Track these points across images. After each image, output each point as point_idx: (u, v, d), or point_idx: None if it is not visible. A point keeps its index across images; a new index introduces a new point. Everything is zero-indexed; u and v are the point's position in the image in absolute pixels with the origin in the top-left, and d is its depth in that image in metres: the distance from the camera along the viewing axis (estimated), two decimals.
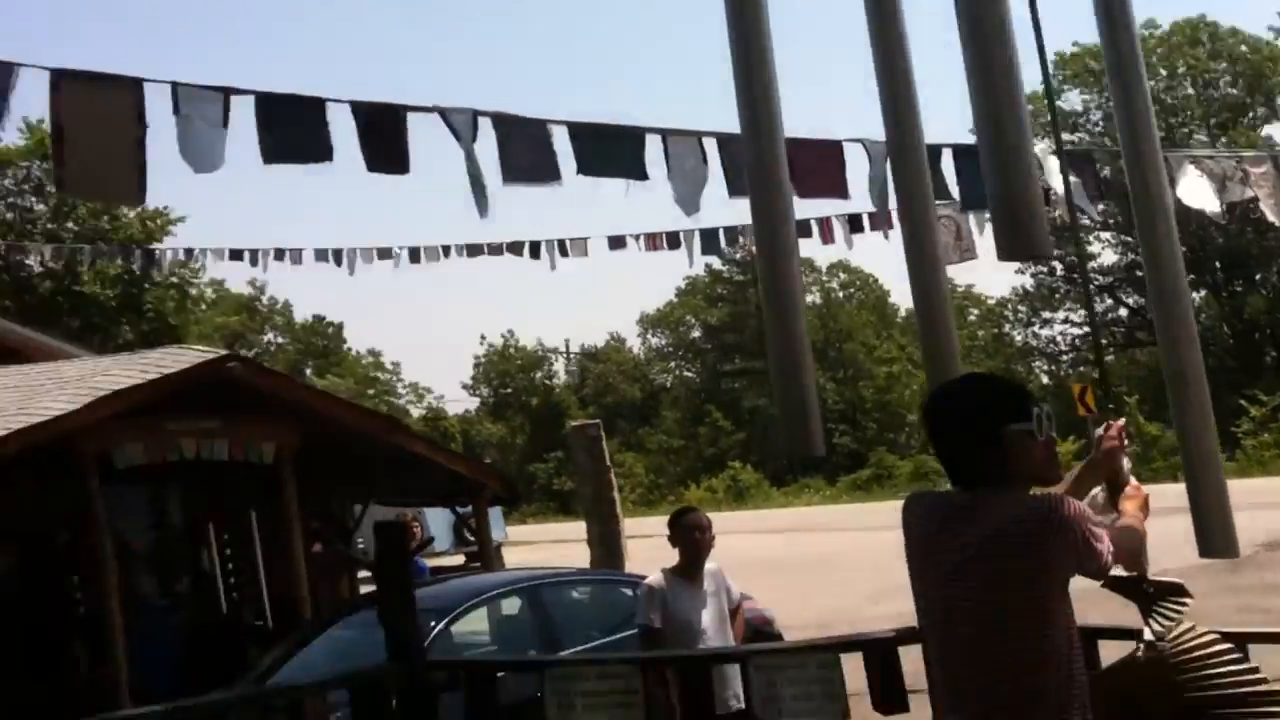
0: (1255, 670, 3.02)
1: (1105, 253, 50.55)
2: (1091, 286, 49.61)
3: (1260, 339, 47.88)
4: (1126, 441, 3.31)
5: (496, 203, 6.33)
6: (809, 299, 60.94)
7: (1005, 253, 2.88)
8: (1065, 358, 55.41)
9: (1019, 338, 55.08)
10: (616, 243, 13.06)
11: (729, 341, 59.96)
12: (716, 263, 57.65)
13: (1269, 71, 48.14)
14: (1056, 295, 53.51)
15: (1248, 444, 35.26)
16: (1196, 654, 3.03)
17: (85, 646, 11.70)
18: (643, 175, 6.51)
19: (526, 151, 6.17)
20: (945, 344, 3.40)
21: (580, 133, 6.30)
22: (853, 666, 4.00)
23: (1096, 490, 3.24)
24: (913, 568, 2.86)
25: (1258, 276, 48.07)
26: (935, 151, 7.43)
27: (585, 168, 6.32)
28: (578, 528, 14.97)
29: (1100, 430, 3.37)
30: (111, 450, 10.55)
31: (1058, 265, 52.17)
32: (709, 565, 5.71)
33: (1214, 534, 3.32)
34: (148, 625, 11.83)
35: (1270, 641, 3.77)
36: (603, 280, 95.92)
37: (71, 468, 10.38)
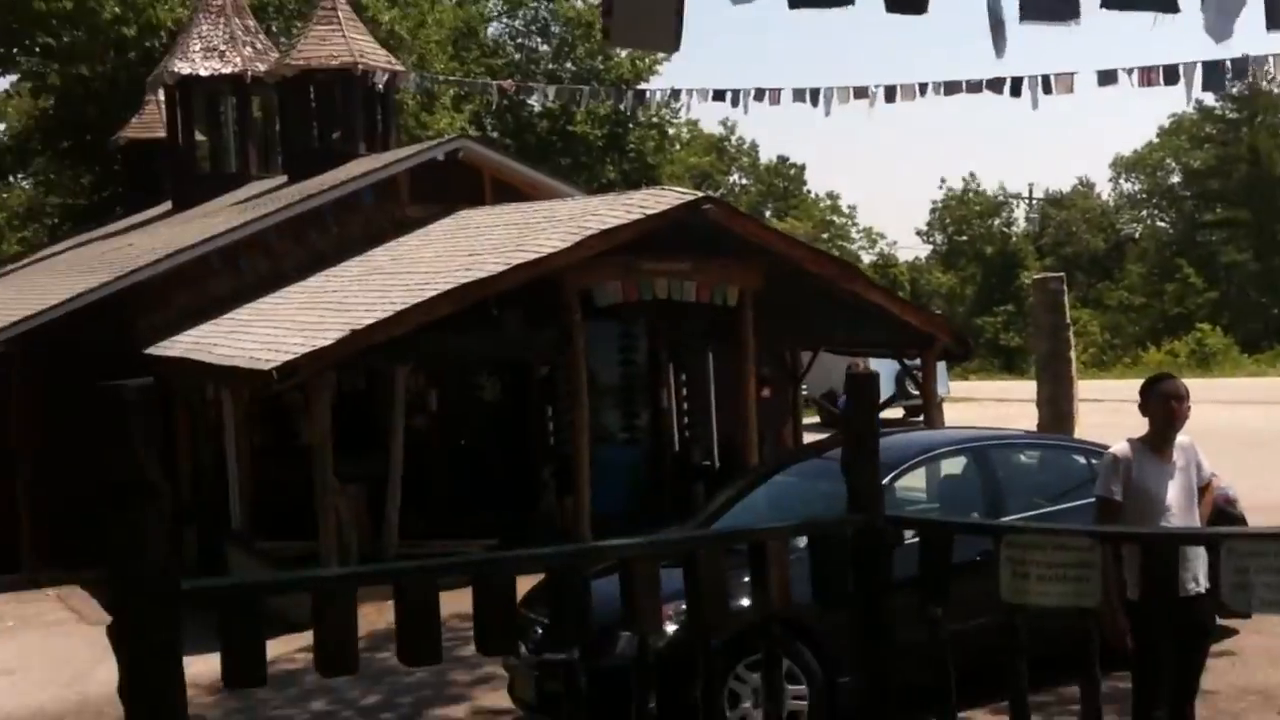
0: None
1: None
2: None
3: None
4: None
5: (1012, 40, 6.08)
6: None
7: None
8: None
9: None
10: (1107, 78, 12.43)
11: (1211, 189, 55.14)
12: (1210, 99, 52.96)
13: None
14: None
15: None
16: None
17: (554, 475, 12.88)
18: (1174, 7, 6.00)
19: None
20: None
21: None
22: None
23: None
24: None
25: None
26: None
27: (1112, 0, 5.94)
28: (1023, 386, 14.67)
29: None
30: (593, 287, 11.37)
31: None
32: (1181, 438, 5.48)
33: None
34: (609, 457, 12.78)
35: None
36: (1078, 121, 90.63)
37: (557, 304, 11.30)
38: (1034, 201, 61.70)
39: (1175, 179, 58.90)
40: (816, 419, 25.14)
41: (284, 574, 6.61)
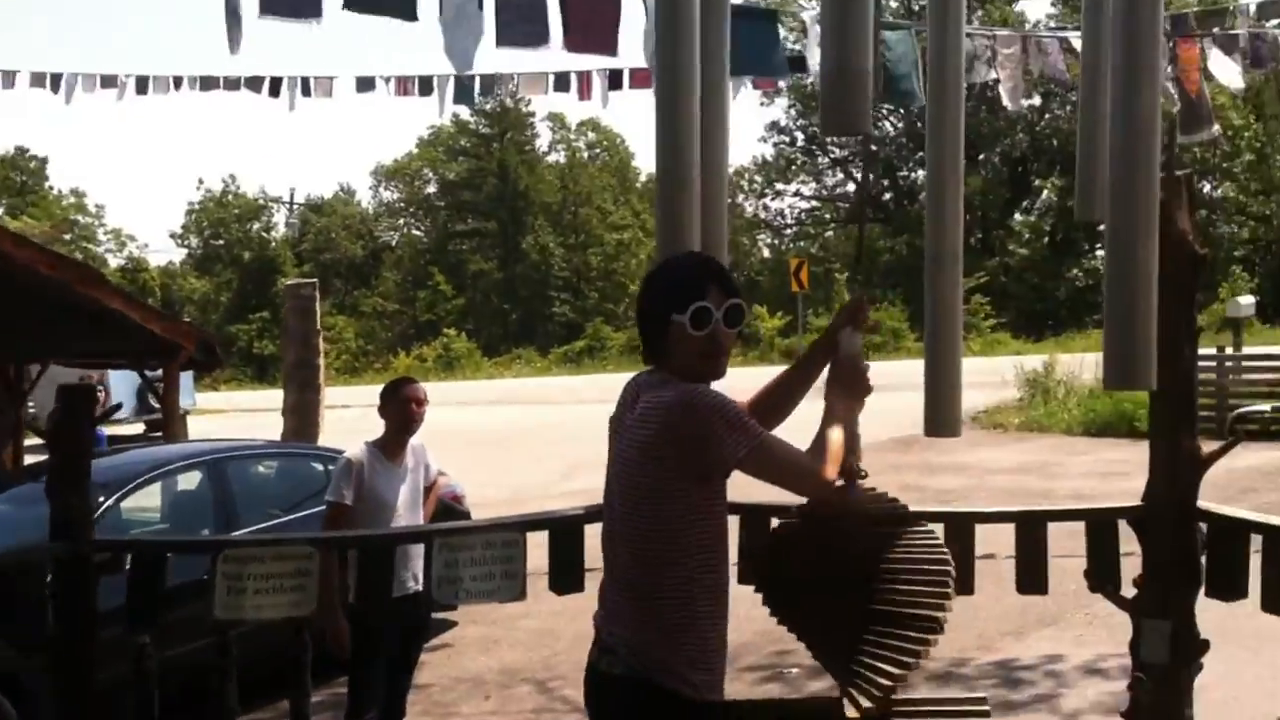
0: (935, 534, 3.26)
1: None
2: (826, 159, 50.77)
3: (970, 220, 50.10)
4: (864, 319, 3.15)
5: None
6: (553, 158, 60.61)
7: (830, 126, 2.88)
8: (789, 231, 57.06)
9: (750, 209, 55.95)
10: (365, 84, 12.61)
11: (464, 199, 58.88)
12: (466, 113, 56.49)
13: None
14: (793, 167, 54.67)
15: None
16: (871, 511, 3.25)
17: None
18: (412, 15, 6.13)
19: None
20: (683, 214, 3.32)
21: None
22: (537, 544, 4.12)
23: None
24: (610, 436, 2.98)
25: (981, 156, 49.66)
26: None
27: (352, 2, 5.94)
28: (275, 395, 14.59)
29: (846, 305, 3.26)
30: None
31: (799, 135, 53.44)
32: (413, 440, 5.60)
33: (943, 414, 3.45)
34: None
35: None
36: (341, 128, 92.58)
37: None
38: (295, 206, 62.17)
39: (432, 189, 61.81)
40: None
41: None
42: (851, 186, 55.19)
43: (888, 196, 53.72)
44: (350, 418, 18.28)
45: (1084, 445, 15.32)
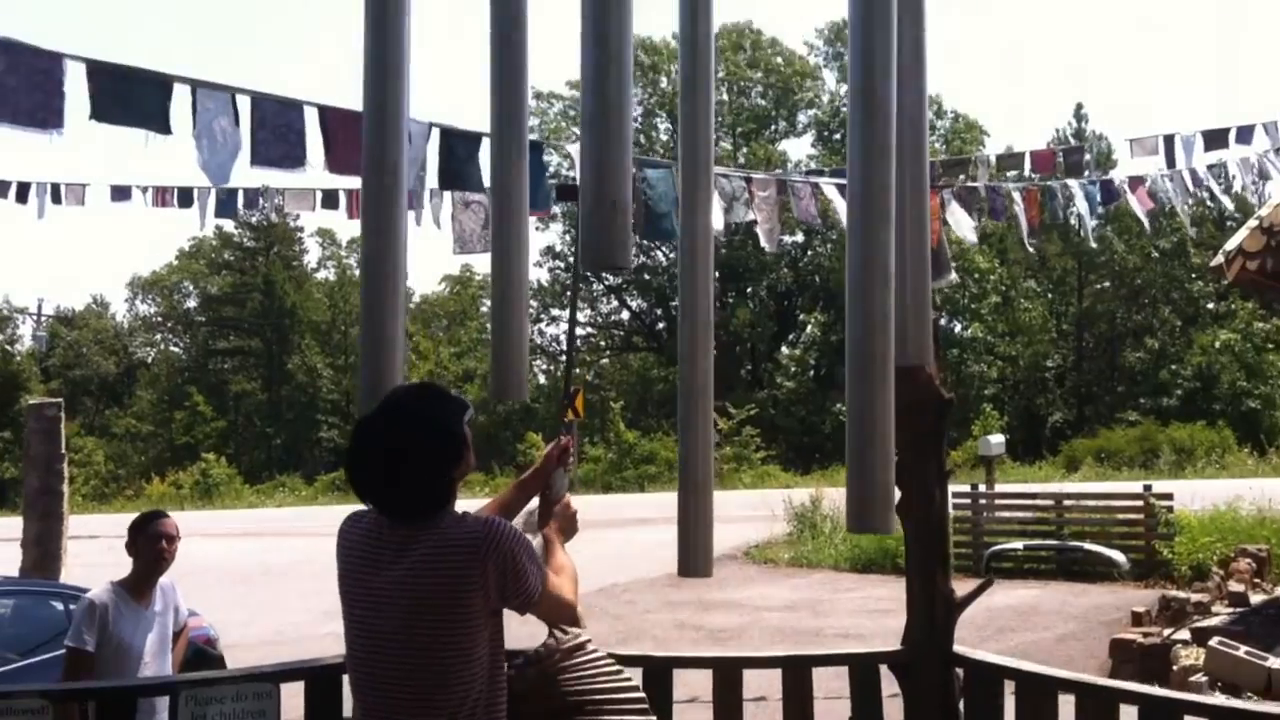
0: (628, 678, 3.25)
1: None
2: (601, 286, 51.37)
3: (740, 352, 51.14)
4: (571, 460, 3.50)
5: None
6: (322, 274, 59.46)
7: (589, 262, 2.81)
8: (564, 358, 57.22)
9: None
10: (120, 194, 12.14)
11: (227, 315, 57.04)
12: (229, 225, 55.13)
13: (796, 87, 51.36)
14: (568, 293, 55.14)
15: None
16: (577, 660, 3.22)
17: None
18: (166, 129, 5.93)
19: (28, 88, 5.45)
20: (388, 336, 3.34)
21: (100, 72, 5.69)
22: (293, 694, 3.88)
23: (531, 506, 3.40)
24: (344, 594, 2.79)
25: (749, 289, 51.09)
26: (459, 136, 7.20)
27: (101, 113, 5.70)
28: (15, 524, 13.55)
29: (551, 445, 3.53)
30: None
31: (574, 260, 54.12)
32: (163, 580, 5.24)
33: (697, 555, 3.39)
34: None
35: (692, 666, 4.09)
36: (96, 236, 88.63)
37: None
38: (43, 319, 59.00)
39: (192, 303, 59.75)
40: None
41: None
42: (626, 315, 56.16)
43: (661, 325, 54.88)
44: (97, 549, 17.15)
45: (850, 581, 15.67)
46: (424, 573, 2.65)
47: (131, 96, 5.73)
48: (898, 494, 4.00)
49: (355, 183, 10.82)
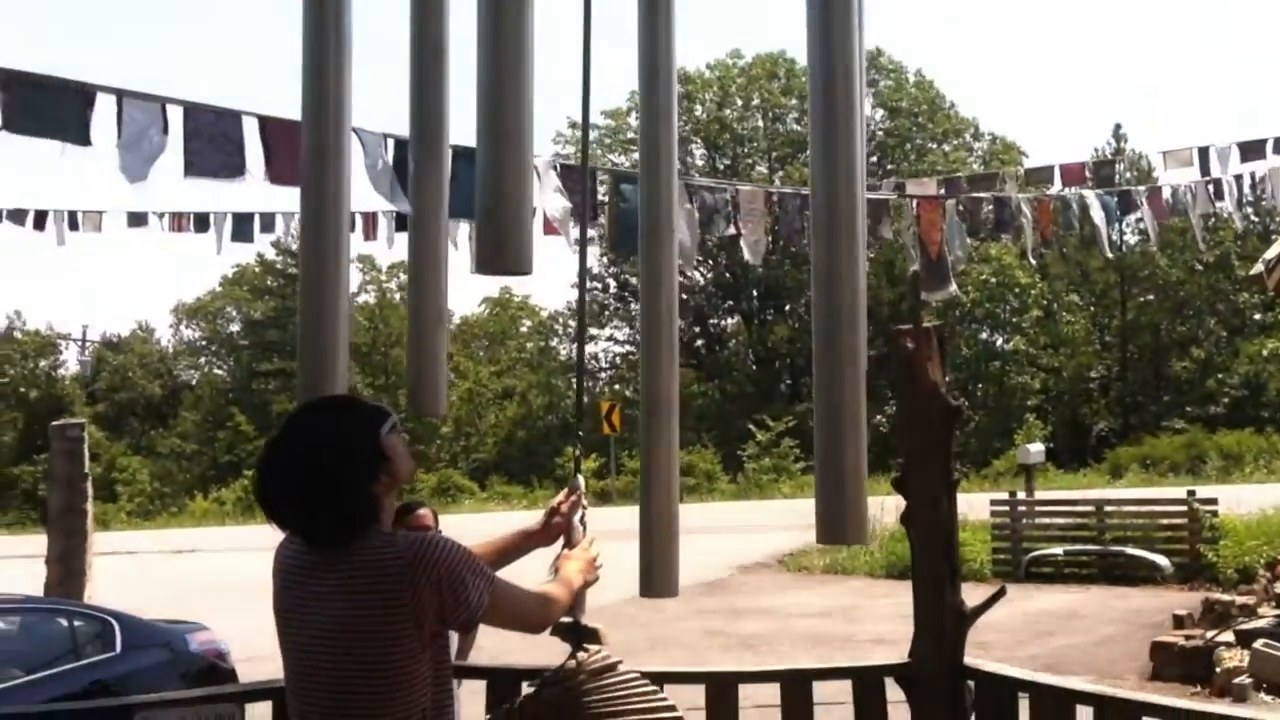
0: (664, 698, 3.06)
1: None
2: (639, 305, 51.55)
3: (779, 367, 51.19)
4: (584, 505, 3.22)
5: None
6: (363, 298, 59.90)
7: (485, 265, 2.65)
8: (603, 375, 57.39)
9: (564, 352, 55.92)
10: (136, 219, 12.23)
11: (269, 339, 57.42)
12: (271, 252, 55.70)
13: None
14: (606, 312, 55.35)
15: (750, 467, 37.70)
16: (606, 681, 3.03)
17: None
18: (85, 139, 5.82)
19: None
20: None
21: (14, 82, 5.59)
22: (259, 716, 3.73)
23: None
24: (277, 618, 2.59)
25: (787, 307, 51.21)
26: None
27: (13, 124, 5.60)
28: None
29: (558, 497, 3.24)
30: None
31: (611, 282, 54.30)
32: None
33: (661, 574, 3.27)
34: None
35: (685, 681, 3.90)
36: (141, 265, 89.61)
37: None
38: (88, 344, 59.73)
39: (235, 327, 60.28)
40: None
41: None
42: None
43: (700, 343, 54.83)
44: (136, 564, 17.18)
45: (885, 588, 15.40)
46: (351, 597, 2.45)
47: (48, 106, 5.61)
48: (904, 502, 3.83)
49: (373, 204, 10.72)
